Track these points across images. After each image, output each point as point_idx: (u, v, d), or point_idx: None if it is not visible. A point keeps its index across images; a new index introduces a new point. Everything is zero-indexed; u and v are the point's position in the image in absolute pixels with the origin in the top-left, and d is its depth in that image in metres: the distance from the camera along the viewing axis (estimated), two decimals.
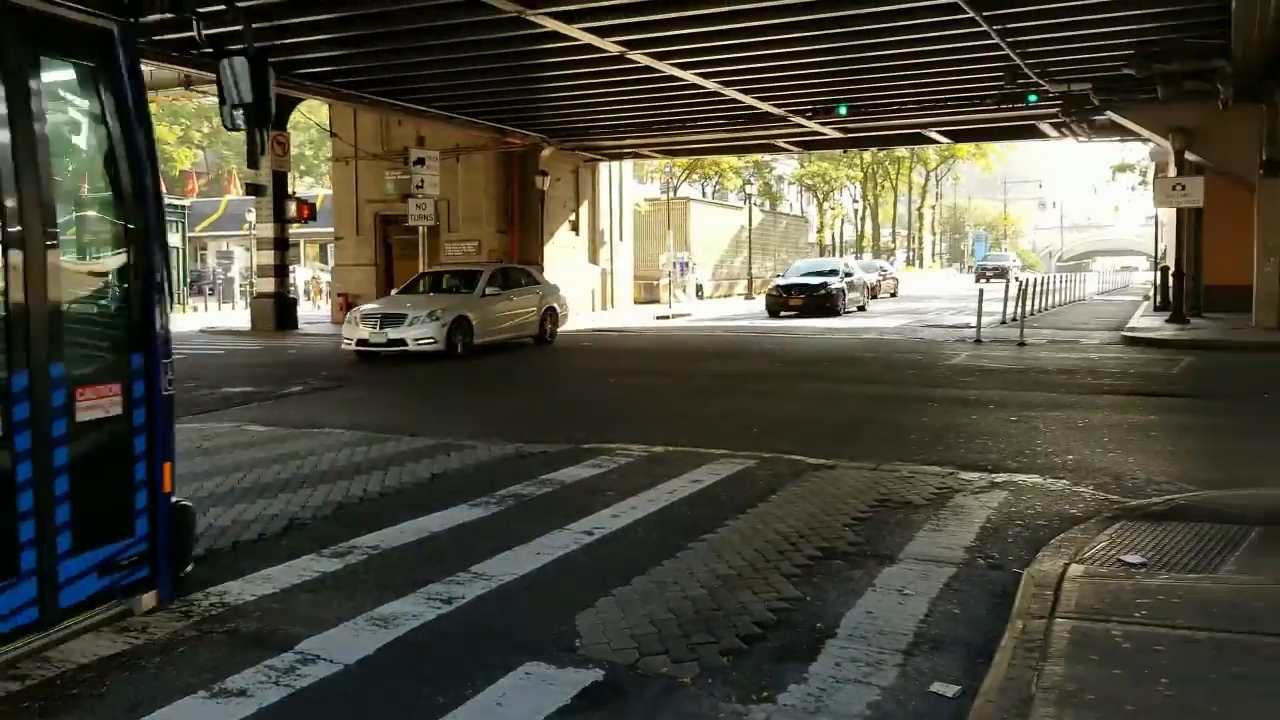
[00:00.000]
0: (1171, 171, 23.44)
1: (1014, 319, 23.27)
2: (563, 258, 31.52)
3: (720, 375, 16.27)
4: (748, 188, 53.71)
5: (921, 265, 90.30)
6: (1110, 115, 23.09)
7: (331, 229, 32.54)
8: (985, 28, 17.06)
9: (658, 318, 30.87)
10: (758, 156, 57.72)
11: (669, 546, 6.30)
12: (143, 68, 4.66)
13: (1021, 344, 19.89)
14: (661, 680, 4.35)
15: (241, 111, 4.79)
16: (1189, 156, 22.67)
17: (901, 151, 73.09)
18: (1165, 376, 15.10)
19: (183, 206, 40.89)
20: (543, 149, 29.97)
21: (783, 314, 30.99)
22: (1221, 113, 21.09)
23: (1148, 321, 24.54)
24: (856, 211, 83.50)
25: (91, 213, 4.59)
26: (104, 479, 4.36)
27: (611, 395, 14.50)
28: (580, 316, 30.77)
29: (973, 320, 22.40)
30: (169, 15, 4.47)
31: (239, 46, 4.79)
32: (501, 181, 30.08)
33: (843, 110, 25.46)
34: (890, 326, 26.06)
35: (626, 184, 36.79)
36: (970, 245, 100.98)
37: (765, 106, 25.39)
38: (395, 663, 4.59)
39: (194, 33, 4.68)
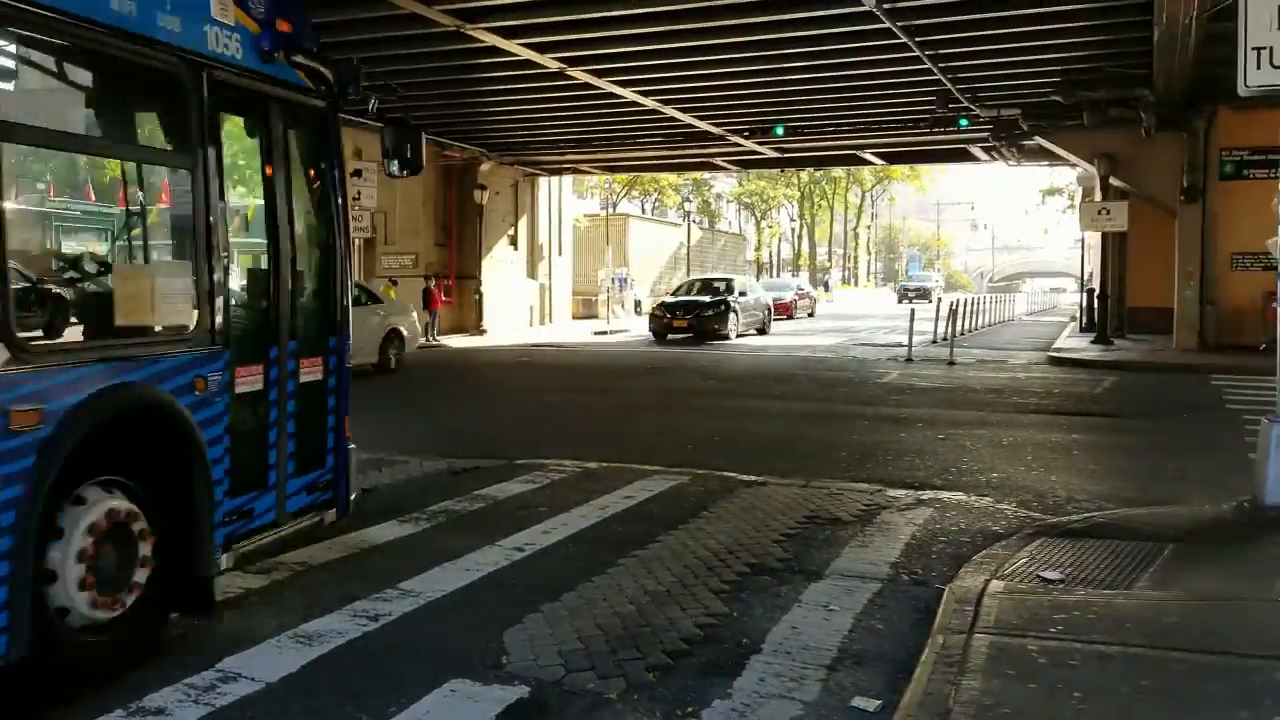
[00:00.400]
0: (1097, 196, 24.06)
1: (945, 338, 23.68)
2: (501, 272, 31.44)
3: (655, 391, 16.33)
4: (686, 205, 53.96)
5: (857, 284, 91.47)
6: (1039, 140, 23.68)
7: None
8: (918, 53, 17.40)
9: (595, 333, 30.88)
10: (696, 174, 58.02)
11: (599, 563, 6.32)
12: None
13: (951, 363, 20.24)
14: (587, 697, 4.37)
15: (397, 162, 6.72)
16: (1114, 182, 23.30)
17: (838, 172, 74.02)
18: (1089, 396, 15.47)
19: None
20: (482, 163, 29.89)
21: (669, 337, 27.45)
22: (1145, 140, 21.75)
23: (1073, 342, 25.12)
24: (794, 230, 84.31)
25: (308, 236, 6.15)
26: (311, 424, 5.98)
27: (547, 411, 14.48)
28: (518, 331, 30.73)
29: (904, 339, 22.76)
30: (358, 97, 6.34)
31: (398, 117, 7.01)
32: (440, 195, 29.94)
33: (780, 131, 25.75)
34: (823, 345, 26.34)
35: (566, 199, 36.81)
36: (905, 265, 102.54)
37: (703, 125, 25.60)
38: (319, 681, 4.54)
39: (369, 108, 7.02)
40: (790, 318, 39.28)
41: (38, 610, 4.09)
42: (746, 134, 26.74)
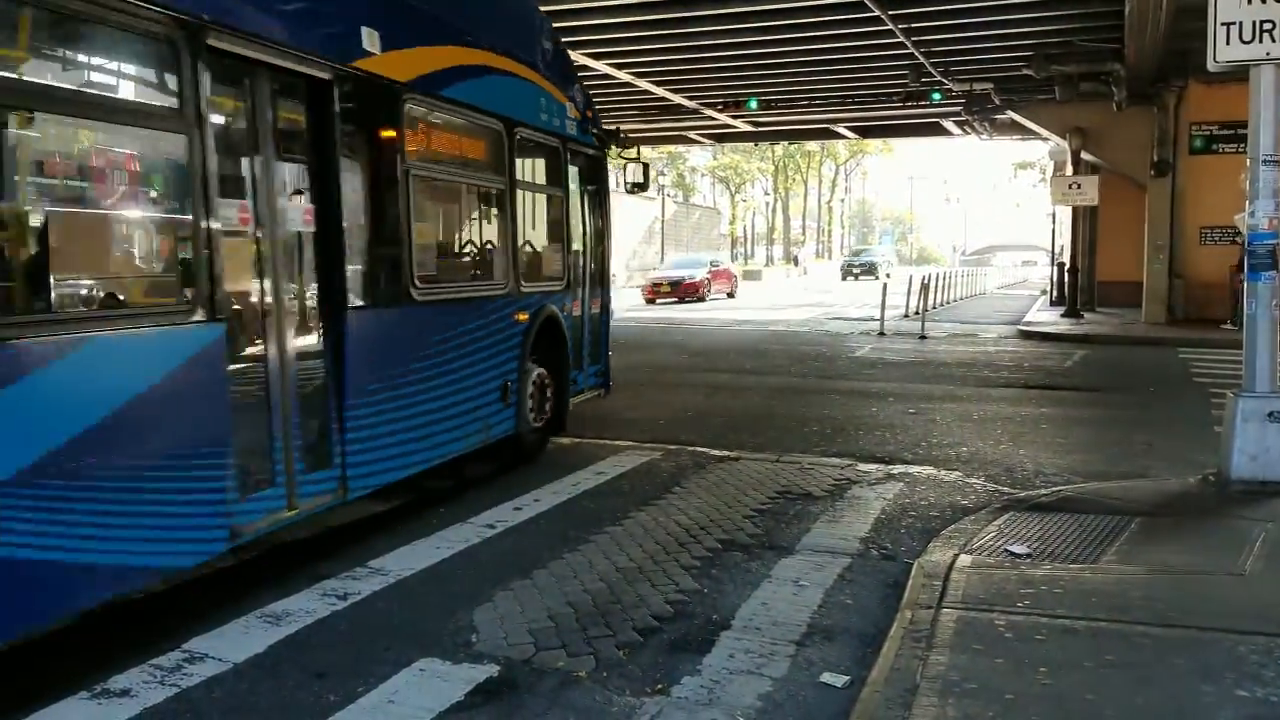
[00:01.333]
0: (1068, 170, 24.17)
1: (916, 313, 23.77)
2: None
3: (627, 367, 16.27)
4: (661, 179, 53.82)
5: (830, 257, 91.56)
6: (1011, 114, 23.75)
7: None
8: (891, 26, 17.36)
9: None
10: (671, 148, 57.83)
11: (570, 539, 6.31)
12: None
13: (923, 337, 20.33)
14: (557, 674, 4.36)
15: (631, 184, 11.36)
16: (1085, 156, 23.40)
17: (812, 146, 73.82)
18: (1058, 370, 15.57)
19: None
20: None
21: None
22: (1116, 114, 21.84)
23: (1044, 316, 25.29)
24: (768, 204, 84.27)
25: (596, 231, 10.24)
26: (595, 337, 10.14)
27: None
28: None
29: (876, 313, 22.84)
30: (606, 148, 10.58)
31: (634, 154, 11.52)
32: None
33: (753, 104, 25.69)
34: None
35: None
36: (878, 238, 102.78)
37: (677, 99, 25.49)
38: (286, 660, 4.51)
39: (616, 154, 11.54)
40: (701, 300, 34.36)
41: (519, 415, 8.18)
42: (720, 107, 26.66)
